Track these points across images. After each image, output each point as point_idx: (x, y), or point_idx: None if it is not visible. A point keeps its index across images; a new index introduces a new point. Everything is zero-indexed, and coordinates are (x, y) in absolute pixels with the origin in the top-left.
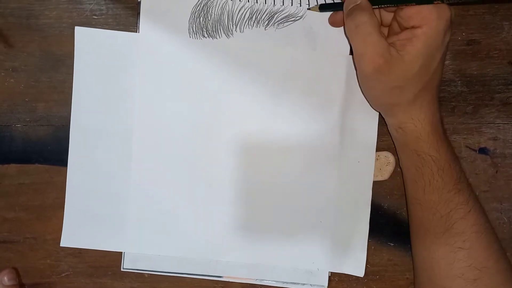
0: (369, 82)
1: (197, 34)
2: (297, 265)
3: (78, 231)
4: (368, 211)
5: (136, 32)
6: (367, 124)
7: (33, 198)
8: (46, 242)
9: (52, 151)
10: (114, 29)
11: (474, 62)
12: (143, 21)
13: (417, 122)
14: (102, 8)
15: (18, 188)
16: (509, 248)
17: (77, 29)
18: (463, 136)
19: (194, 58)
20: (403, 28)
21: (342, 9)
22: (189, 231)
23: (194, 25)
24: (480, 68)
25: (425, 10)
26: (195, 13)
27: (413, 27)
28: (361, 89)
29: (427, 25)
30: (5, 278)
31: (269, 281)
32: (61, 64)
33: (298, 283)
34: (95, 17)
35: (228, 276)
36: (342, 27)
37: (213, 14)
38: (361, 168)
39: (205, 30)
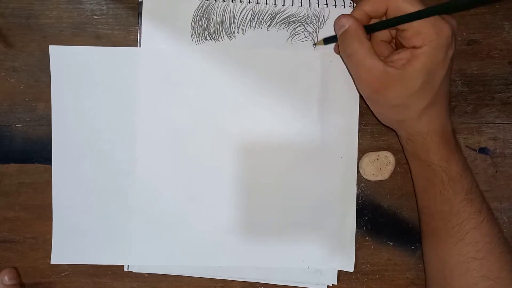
0: (371, 102)
1: (200, 37)
2: (288, 265)
3: (68, 247)
4: (354, 206)
5: (137, 35)
6: (347, 118)
7: (33, 197)
8: (46, 242)
9: None
10: (115, 29)
11: (474, 62)
12: (145, 26)
13: (425, 135)
14: (102, 8)
15: (18, 188)
16: None
17: (51, 48)
18: (463, 136)
19: (197, 61)
20: (404, 47)
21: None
22: (187, 240)
23: (196, 28)
24: (481, 68)
25: (424, 30)
26: (197, 16)
27: (414, 47)
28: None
29: (427, 45)
30: (6, 277)
31: (271, 280)
32: None
33: (301, 282)
34: (96, 17)
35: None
36: None
37: (215, 17)
38: (344, 163)
39: (207, 33)
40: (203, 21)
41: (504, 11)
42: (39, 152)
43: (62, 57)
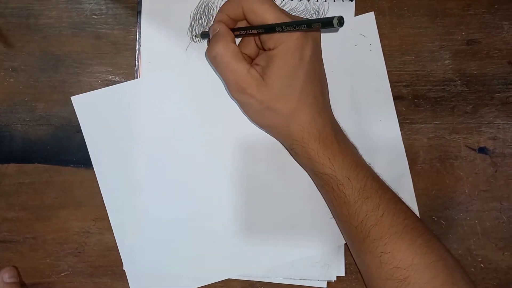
0: (242, 106)
1: (200, 35)
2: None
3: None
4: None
5: (136, 34)
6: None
7: (32, 197)
8: (46, 242)
9: (52, 151)
10: (114, 28)
11: (474, 62)
12: (144, 25)
13: (302, 143)
14: (102, 7)
15: (18, 188)
16: (509, 248)
17: (73, 98)
18: (463, 135)
19: (196, 74)
20: (263, 48)
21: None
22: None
23: (196, 27)
24: (480, 67)
25: (275, 34)
26: (196, 14)
27: (269, 49)
28: None
29: (279, 47)
30: (6, 275)
31: (273, 278)
32: (60, 64)
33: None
34: (95, 16)
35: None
36: None
37: (215, 15)
38: None
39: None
40: (203, 19)
41: (503, 11)
42: (39, 152)
43: (84, 104)
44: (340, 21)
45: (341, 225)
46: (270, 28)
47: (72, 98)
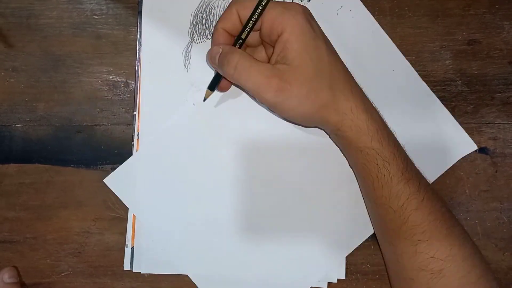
0: (279, 106)
1: (201, 36)
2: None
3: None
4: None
5: (137, 34)
6: None
7: (33, 197)
8: (46, 242)
9: (52, 151)
10: (114, 28)
11: (474, 62)
12: (145, 25)
13: (350, 114)
14: (102, 7)
15: (18, 188)
16: (510, 248)
17: (106, 181)
18: None
19: (196, 60)
20: (274, 43)
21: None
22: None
23: (197, 28)
24: (481, 67)
25: (275, 16)
26: (197, 15)
27: (279, 37)
28: (286, 119)
29: (287, 28)
30: (6, 275)
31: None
32: (61, 64)
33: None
34: (96, 17)
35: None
36: None
37: (215, 15)
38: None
39: (208, 32)
40: (204, 20)
41: (504, 11)
42: (39, 152)
43: (115, 182)
44: None
45: (378, 209)
46: (263, 7)
47: (105, 180)
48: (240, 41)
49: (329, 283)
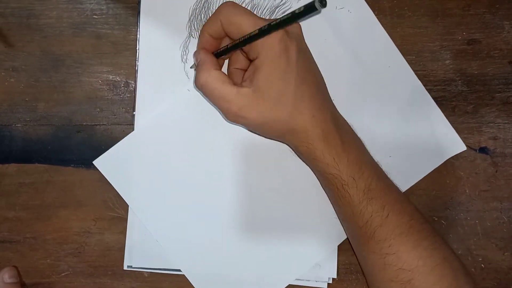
0: (244, 125)
1: (199, 31)
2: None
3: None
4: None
5: (137, 34)
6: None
7: (33, 197)
8: (46, 242)
9: (52, 151)
10: (114, 28)
11: (474, 62)
12: (143, 25)
13: (307, 143)
14: (102, 7)
15: (18, 188)
16: (510, 248)
17: (96, 162)
18: (464, 135)
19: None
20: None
21: None
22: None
23: (195, 22)
24: (481, 67)
25: (255, 41)
26: (196, 10)
27: (253, 60)
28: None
29: (262, 54)
30: (6, 275)
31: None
32: (61, 64)
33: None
34: (95, 16)
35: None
36: None
37: (214, 10)
38: None
39: None
40: (202, 15)
41: (504, 11)
42: (39, 152)
43: (106, 163)
44: (322, 1)
45: (346, 225)
46: (252, 37)
47: (95, 162)
48: (220, 55)
49: (329, 284)
